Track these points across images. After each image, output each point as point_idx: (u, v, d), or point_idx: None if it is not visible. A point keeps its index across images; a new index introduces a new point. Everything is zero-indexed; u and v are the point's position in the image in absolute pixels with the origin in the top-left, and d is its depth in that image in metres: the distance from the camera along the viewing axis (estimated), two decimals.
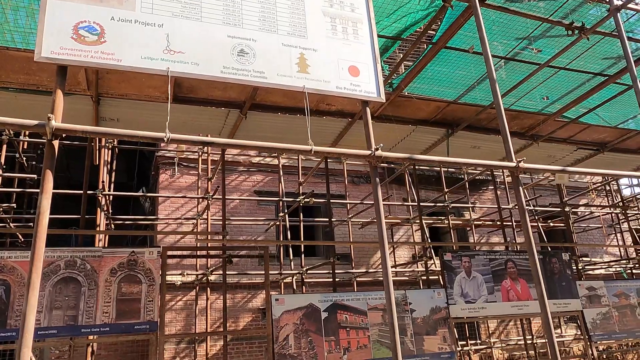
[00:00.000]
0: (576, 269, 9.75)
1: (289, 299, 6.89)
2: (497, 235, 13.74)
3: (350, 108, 6.84)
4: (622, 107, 8.05)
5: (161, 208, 11.20)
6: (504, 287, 8.07)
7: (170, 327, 10.12)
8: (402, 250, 12.99)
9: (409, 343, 7.14)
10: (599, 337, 8.39)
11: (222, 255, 7.14)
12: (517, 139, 8.38)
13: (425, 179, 13.65)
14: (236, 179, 12.13)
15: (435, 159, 4.68)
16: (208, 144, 3.47)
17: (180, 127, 6.71)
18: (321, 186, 11.54)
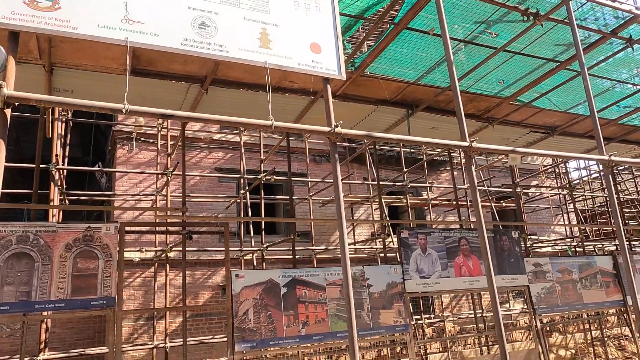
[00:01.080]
0: (525, 247, 10.26)
1: (249, 274, 6.96)
2: (453, 215, 14.24)
3: (313, 86, 6.87)
4: (572, 92, 8.44)
5: (119, 184, 10.95)
6: (456, 264, 8.41)
7: (128, 303, 10.02)
8: (362, 228, 13.27)
9: (365, 317, 7.38)
10: (543, 310, 8.91)
11: (182, 231, 7.10)
12: (473, 121, 8.66)
13: (385, 159, 13.90)
14: (197, 155, 11.98)
15: (393, 137, 4.81)
16: (167, 117, 3.44)
17: (139, 101, 6.52)
18: (283, 164, 11.57)
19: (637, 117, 9.93)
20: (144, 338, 9.91)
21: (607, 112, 9.17)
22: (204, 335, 10.23)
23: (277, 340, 6.66)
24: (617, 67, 8.70)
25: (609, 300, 9.70)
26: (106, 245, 6.17)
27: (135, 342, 9.84)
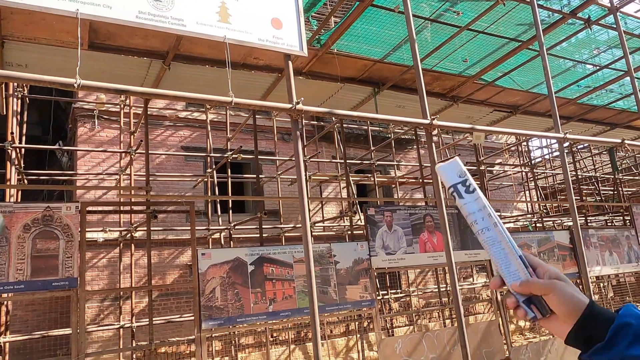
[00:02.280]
0: None
1: (216, 253, 6.95)
2: (420, 192, 14.49)
3: (279, 63, 6.79)
4: (534, 72, 8.63)
5: (80, 163, 10.65)
6: (421, 240, 8.59)
7: (93, 284, 9.87)
8: (331, 207, 13.37)
9: (332, 292, 7.50)
10: None
11: (146, 211, 7.00)
12: (438, 100, 8.76)
13: (354, 138, 13.97)
14: (162, 133, 11.74)
15: (354, 114, 4.83)
16: (123, 92, 3.35)
17: (98, 77, 6.34)
18: (250, 142, 11.47)
19: (596, 96, 10.25)
20: (110, 319, 9.82)
21: (567, 91, 9.43)
22: (172, 314, 10.21)
23: (244, 317, 6.71)
24: (578, 47, 8.93)
25: (566, 273, 10.12)
26: (67, 226, 6.03)
27: (101, 322, 9.75)
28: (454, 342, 8.11)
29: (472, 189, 0.94)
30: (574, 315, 0.84)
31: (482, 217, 0.92)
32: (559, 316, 0.86)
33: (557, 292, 0.85)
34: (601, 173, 17.06)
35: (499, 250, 0.90)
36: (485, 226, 0.91)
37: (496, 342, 8.69)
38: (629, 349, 0.77)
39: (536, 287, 0.87)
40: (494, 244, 0.90)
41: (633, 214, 11.12)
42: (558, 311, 0.85)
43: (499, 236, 0.90)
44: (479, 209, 0.92)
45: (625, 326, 0.79)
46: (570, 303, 0.84)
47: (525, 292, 0.88)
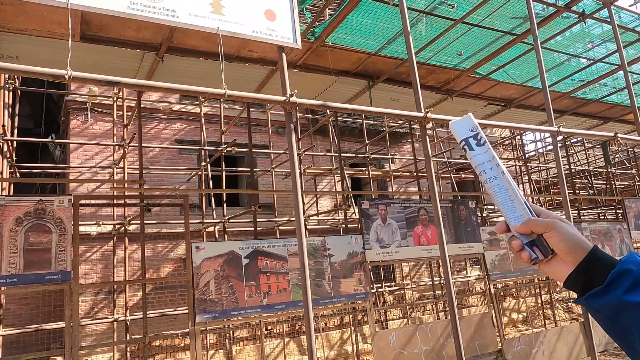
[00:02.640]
0: (481, 216, 10.62)
1: (210, 246, 6.94)
2: (414, 186, 14.52)
3: (272, 55, 6.75)
4: (528, 65, 8.63)
5: (73, 156, 10.58)
6: (415, 233, 8.62)
7: (87, 278, 9.85)
8: (325, 200, 13.38)
9: (326, 285, 7.52)
10: (496, 276, 9.30)
11: (140, 204, 6.97)
12: (433, 93, 8.76)
13: (348, 131, 13.95)
14: (155, 127, 11.67)
15: (349, 107, 4.82)
16: (115, 84, 3.31)
17: (90, 69, 6.28)
18: (244, 136, 11.43)
19: (589, 90, 10.28)
20: (104, 312, 9.80)
21: (561, 85, 9.45)
22: (167, 307, 10.20)
23: (238, 310, 6.71)
24: (572, 41, 8.94)
25: None
26: (59, 219, 6.00)
27: (95, 316, 9.73)
28: (448, 335, 8.17)
29: (482, 142, 1.01)
30: (574, 253, 0.85)
31: (490, 167, 0.98)
32: (559, 255, 0.87)
33: (557, 230, 0.87)
34: (594, 167, 17.17)
35: (505, 197, 0.95)
36: (493, 175, 0.97)
37: (489, 334, 8.76)
38: (626, 294, 0.77)
39: (537, 224, 0.89)
40: (500, 192, 0.96)
41: (625, 208, 11.20)
42: (558, 249, 0.86)
43: (505, 184, 0.96)
44: (488, 159, 0.99)
45: (626, 272, 0.79)
46: (570, 241, 0.85)
47: (527, 231, 0.91)
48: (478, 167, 0.99)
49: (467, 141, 1.02)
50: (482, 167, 0.99)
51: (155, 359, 8.94)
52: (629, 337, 0.77)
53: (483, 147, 1.00)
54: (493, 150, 1.00)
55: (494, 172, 0.97)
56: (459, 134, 1.03)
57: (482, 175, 0.98)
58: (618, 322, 0.79)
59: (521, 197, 0.95)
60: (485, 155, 0.99)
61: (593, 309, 0.82)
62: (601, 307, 0.80)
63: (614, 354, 9.97)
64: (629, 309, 0.77)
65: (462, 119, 1.04)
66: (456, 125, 1.04)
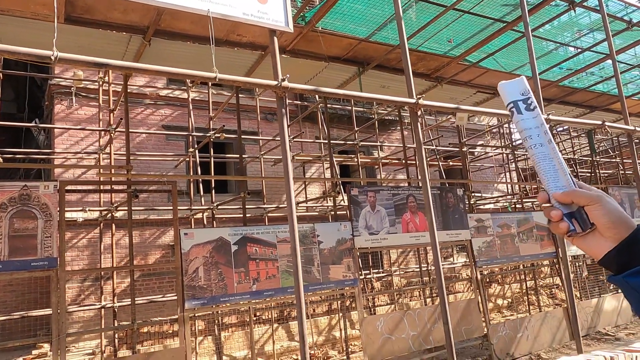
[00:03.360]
0: (469, 204, 10.70)
1: (199, 233, 6.90)
2: (402, 173, 14.58)
3: (263, 40, 6.68)
4: (517, 54, 8.66)
5: (58, 141, 10.40)
6: (404, 220, 8.66)
7: (73, 265, 9.75)
8: (314, 187, 13.37)
9: (315, 272, 7.54)
10: (483, 263, 9.42)
11: (127, 190, 6.88)
12: (423, 80, 8.75)
13: (337, 118, 13.91)
14: (142, 112, 11.51)
15: (340, 92, 4.79)
16: (102, 66, 3.24)
17: (76, 52, 6.12)
18: (233, 122, 11.32)
19: (577, 79, 10.37)
20: (91, 299, 9.74)
21: (549, 74, 9.51)
22: (155, 294, 10.16)
23: (227, 296, 6.71)
24: (561, 30, 8.98)
25: (543, 252, 10.38)
26: (45, 205, 5.91)
27: (82, 303, 9.66)
28: (435, 320, 8.27)
29: (532, 107, 0.98)
30: (617, 229, 0.83)
31: (538, 133, 0.95)
32: (601, 229, 0.85)
33: (603, 203, 0.85)
34: (579, 155, 17.38)
35: (549, 166, 0.94)
36: (539, 142, 0.95)
37: (475, 319, 8.89)
38: None
39: (581, 195, 0.87)
40: (545, 159, 0.94)
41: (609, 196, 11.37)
42: (601, 223, 0.85)
43: (552, 153, 0.94)
44: (536, 125, 0.96)
45: None
46: (614, 216, 0.84)
47: (568, 201, 0.89)
48: (524, 131, 0.97)
49: (515, 104, 0.99)
50: (529, 132, 0.96)
51: (144, 345, 8.92)
52: None
53: (532, 112, 0.97)
54: (542, 117, 0.98)
55: (540, 138, 0.95)
56: (507, 95, 1.00)
57: (528, 141, 0.96)
58: None
59: (566, 168, 0.94)
60: (534, 120, 0.97)
61: (631, 287, 0.81)
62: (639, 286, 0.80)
63: (594, 338, 10.20)
64: None
65: (514, 80, 1.02)
66: (506, 86, 1.01)
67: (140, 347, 8.63)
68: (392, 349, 7.74)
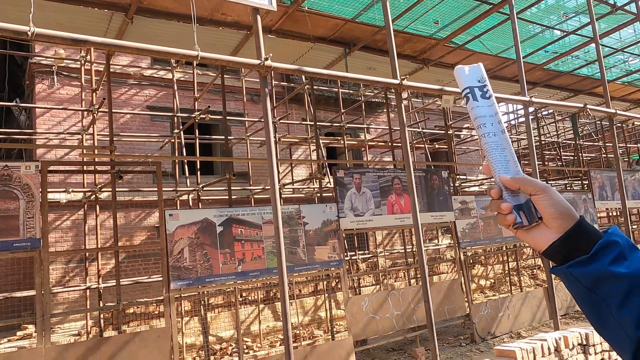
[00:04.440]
0: (453, 186, 10.81)
1: (184, 214, 6.88)
2: (388, 156, 14.64)
3: (248, 19, 6.59)
4: (503, 36, 8.68)
5: (40, 121, 10.22)
6: (389, 202, 8.73)
7: (57, 246, 9.69)
8: (300, 169, 13.37)
9: (301, 253, 7.59)
10: (467, 244, 9.56)
11: (111, 171, 6.82)
12: (409, 62, 8.74)
13: (324, 100, 13.86)
14: (126, 92, 11.34)
15: (325, 72, 4.76)
16: (81, 43, 3.18)
17: (55, 29, 6.02)
18: (218, 103, 11.23)
19: (561, 62, 10.44)
20: (76, 280, 9.71)
21: (534, 57, 9.55)
22: (140, 275, 10.17)
23: (213, 277, 6.74)
24: (547, 13, 9.00)
25: None
26: (27, 185, 5.84)
27: (67, 284, 9.63)
28: (418, 300, 8.41)
29: (488, 96, 0.96)
30: (562, 220, 0.84)
31: (492, 122, 0.94)
32: (547, 220, 0.86)
33: (550, 193, 0.85)
34: (563, 139, 17.59)
35: (499, 156, 0.92)
36: (492, 131, 0.93)
37: (458, 299, 9.07)
38: (611, 265, 0.78)
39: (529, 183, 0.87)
40: (497, 149, 0.92)
41: (591, 179, 11.58)
42: (547, 214, 0.85)
43: (504, 143, 0.93)
44: (490, 114, 0.95)
45: (612, 243, 0.80)
46: (561, 207, 0.85)
47: (515, 187, 0.88)
48: (478, 119, 0.95)
49: (472, 90, 0.97)
50: (482, 120, 0.94)
51: (130, 326, 8.95)
52: (603, 309, 0.78)
53: (488, 101, 0.96)
54: (497, 107, 0.96)
55: (494, 128, 0.93)
56: (463, 80, 0.98)
57: (481, 129, 0.94)
58: (595, 293, 0.79)
59: (516, 160, 0.93)
60: (489, 109, 0.95)
61: (574, 277, 0.82)
62: (583, 277, 0.80)
63: (573, 317, 10.49)
64: (611, 279, 0.77)
65: (471, 66, 0.99)
66: (462, 71, 0.99)
67: (126, 327, 8.66)
68: (377, 328, 7.87)
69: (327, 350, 7.15)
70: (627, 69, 11.73)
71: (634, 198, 12.19)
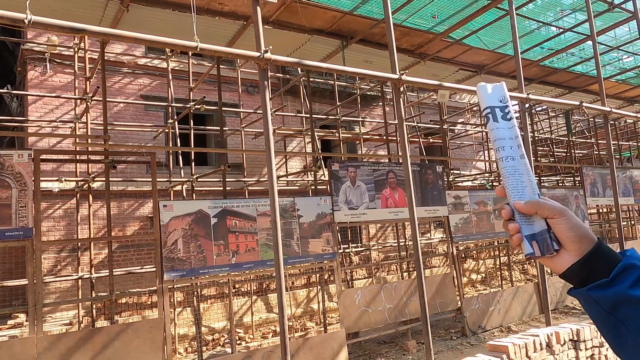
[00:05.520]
0: (447, 181, 10.86)
1: (178, 205, 6.85)
2: (383, 149, 14.65)
3: (245, 10, 6.53)
4: (501, 32, 8.67)
5: (32, 109, 10.09)
6: (383, 196, 8.74)
7: (49, 235, 9.61)
8: (295, 161, 13.35)
9: (294, 245, 7.59)
10: (459, 239, 9.62)
11: (105, 160, 6.76)
12: (406, 56, 8.72)
13: (320, 92, 13.80)
14: (120, 81, 11.22)
15: (323, 66, 4.74)
16: (79, 31, 3.13)
17: (49, 16, 5.92)
18: (214, 93, 11.15)
19: (557, 59, 10.46)
20: (68, 270, 9.65)
21: (530, 53, 9.56)
22: (133, 266, 10.12)
23: (207, 268, 6.73)
24: (544, 9, 9.00)
25: None
26: (19, 174, 5.77)
27: (59, 274, 9.57)
28: (410, 294, 8.46)
29: (509, 117, 0.93)
30: (581, 243, 0.83)
31: (511, 145, 0.91)
32: (565, 243, 0.85)
33: (568, 217, 0.85)
34: (556, 135, 17.69)
35: (517, 182, 0.89)
36: (511, 155, 0.90)
37: (449, 293, 9.14)
38: (631, 288, 0.78)
39: (545, 206, 0.85)
40: (515, 174, 0.90)
41: (583, 175, 11.67)
42: (566, 237, 0.84)
43: (523, 168, 0.90)
44: (510, 137, 0.92)
45: (632, 267, 0.80)
46: (579, 230, 0.84)
47: (530, 212, 0.86)
48: (497, 141, 0.91)
49: (492, 110, 0.93)
50: (502, 142, 0.91)
51: (122, 316, 8.93)
52: (622, 331, 0.78)
53: (508, 123, 0.92)
54: (518, 129, 0.93)
55: (513, 151, 0.90)
56: (485, 100, 0.94)
57: (499, 152, 0.91)
58: (614, 316, 0.79)
59: (535, 187, 0.90)
60: (509, 131, 0.91)
61: (593, 300, 0.81)
62: (602, 300, 0.80)
63: (563, 312, 10.61)
64: (630, 302, 0.77)
65: (495, 85, 0.96)
66: (484, 89, 0.96)
67: (118, 317, 8.63)
68: (369, 321, 7.92)
69: (320, 342, 7.18)
70: (621, 66, 11.79)
71: (624, 195, 12.32)
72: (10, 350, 5.36)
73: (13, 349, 5.41)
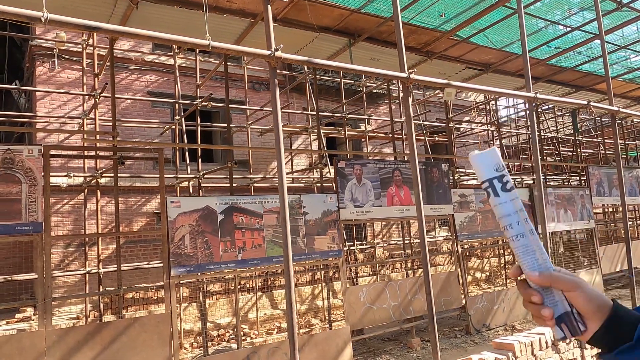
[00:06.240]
0: (453, 179, 10.85)
1: (185, 201, 6.89)
2: (389, 147, 14.65)
3: (253, 7, 6.55)
4: (508, 30, 8.66)
5: (40, 105, 10.17)
6: (389, 193, 8.77)
7: (57, 230, 9.70)
8: (300, 159, 13.38)
9: (300, 242, 7.63)
10: (464, 237, 9.63)
11: (113, 156, 6.81)
12: (413, 55, 8.72)
13: (325, 90, 13.82)
14: (127, 77, 11.27)
15: (333, 64, 4.76)
16: (93, 29, 3.16)
17: (59, 13, 5.96)
18: (220, 90, 11.20)
19: (564, 58, 10.43)
20: (75, 265, 9.74)
21: (537, 52, 9.54)
22: (139, 261, 10.20)
23: (213, 265, 6.77)
24: (552, 8, 8.97)
25: None
26: (29, 169, 5.83)
27: (66, 268, 9.66)
28: (415, 291, 8.49)
29: (509, 187, 0.88)
30: (599, 313, 0.85)
31: (517, 220, 0.86)
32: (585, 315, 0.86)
33: (584, 289, 0.85)
34: (562, 134, 17.64)
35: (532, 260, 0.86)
36: (520, 232, 0.86)
37: (454, 291, 9.16)
38: None
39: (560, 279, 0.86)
40: (527, 254, 0.86)
41: (589, 175, 11.65)
42: (586, 310, 0.85)
43: (533, 245, 0.86)
44: (514, 211, 0.87)
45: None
46: (596, 300, 0.86)
47: (546, 284, 0.86)
48: (503, 219, 0.87)
49: (491, 183, 0.88)
50: (509, 219, 0.86)
51: (128, 311, 9.01)
52: None
53: (509, 194, 0.87)
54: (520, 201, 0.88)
55: (521, 227, 0.85)
56: (482, 172, 0.90)
57: (508, 231, 0.86)
58: None
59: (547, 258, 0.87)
60: (511, 204, 0.87)
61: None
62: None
63: None
64: None
65: (485, 152, 0.90)
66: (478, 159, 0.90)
67: (125, 312, 8.71)
68: (374, 318, 7.95)
69: (324, 338, 7.22)
70: (628, 66, 11.74)
71: (631, 195, 12.28)
72: (19, 344, 5.43)
73: (22, 343, 5.48)
